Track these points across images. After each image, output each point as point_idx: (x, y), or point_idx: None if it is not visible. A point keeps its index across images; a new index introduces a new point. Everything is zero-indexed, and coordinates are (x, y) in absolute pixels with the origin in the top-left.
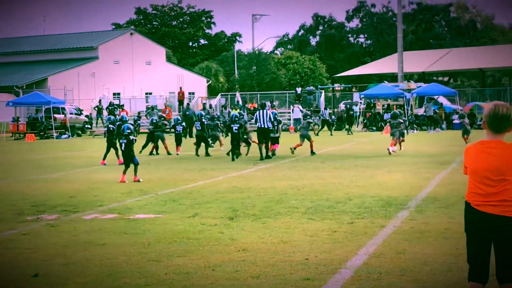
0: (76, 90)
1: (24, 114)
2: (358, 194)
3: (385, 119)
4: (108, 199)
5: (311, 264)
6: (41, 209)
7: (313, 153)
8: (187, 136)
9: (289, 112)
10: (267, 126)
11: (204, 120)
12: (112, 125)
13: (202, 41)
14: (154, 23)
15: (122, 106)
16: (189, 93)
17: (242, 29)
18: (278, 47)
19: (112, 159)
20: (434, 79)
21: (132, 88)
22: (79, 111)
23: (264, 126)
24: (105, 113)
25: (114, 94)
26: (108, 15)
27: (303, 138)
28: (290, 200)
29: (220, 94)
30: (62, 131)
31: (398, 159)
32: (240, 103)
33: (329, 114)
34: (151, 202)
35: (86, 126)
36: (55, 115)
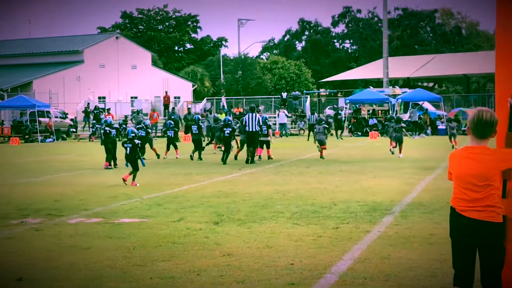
0: (61, 94)
1: (9, 118)
2: (343, 199)
3: (370, 125)
4: (93, 203)
5: (296, 269)
6: (26, 213)
7: (322, 157)
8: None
9: (275, 117)
10: (256, 130)
11: (202, 124)
12: (109, 128)
13: (188, 46)
14: (140, 27)
15: (109, 110)
16: (175, 97)
17: (228, 34)
18: (264, 52)
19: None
20: (419, 85)
21: (118, 92)
22: (64, 115)
23: (252, 130)
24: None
25: (100, 98)
26: (94, 19)
27: (321, 143)
28: (275, 205)
29: (206, 99)
30: (47, 135)
31: (383, 165)
32: (226, 108)
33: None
34: (136, 207)
35: (71, 130)
36: (40, 119)
